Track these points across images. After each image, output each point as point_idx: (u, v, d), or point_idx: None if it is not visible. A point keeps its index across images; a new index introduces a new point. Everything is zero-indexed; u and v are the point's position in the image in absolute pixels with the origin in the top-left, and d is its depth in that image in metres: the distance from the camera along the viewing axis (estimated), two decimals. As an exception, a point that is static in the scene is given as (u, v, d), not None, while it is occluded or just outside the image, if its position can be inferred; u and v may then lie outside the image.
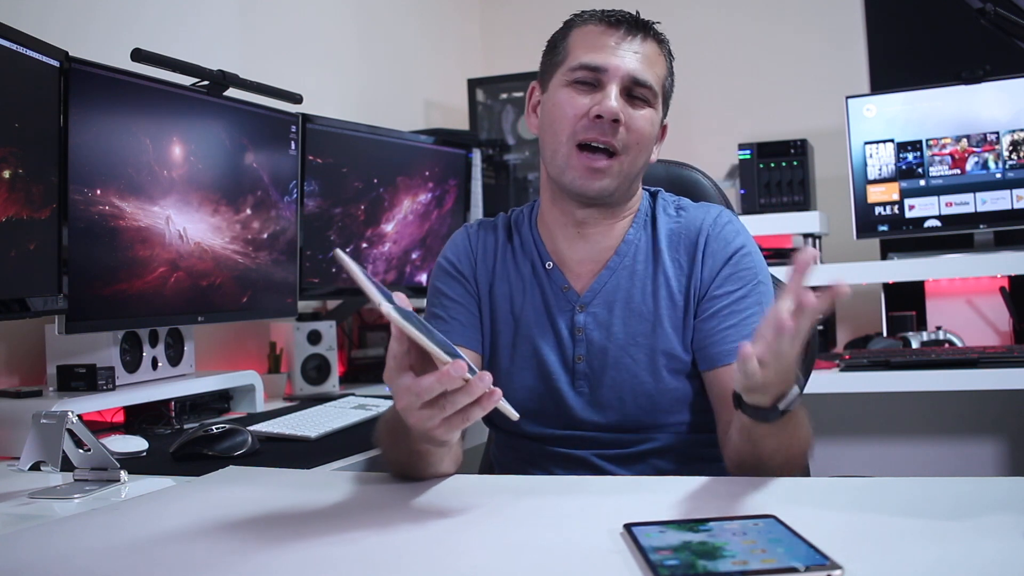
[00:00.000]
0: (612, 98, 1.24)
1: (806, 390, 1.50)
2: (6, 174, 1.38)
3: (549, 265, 1.35)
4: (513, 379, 1.33)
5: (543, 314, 1.33)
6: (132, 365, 1.73)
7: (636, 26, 1.28)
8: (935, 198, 2.63)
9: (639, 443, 1.29)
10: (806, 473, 1.26)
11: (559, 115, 1.28)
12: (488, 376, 0.90)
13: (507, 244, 1.40)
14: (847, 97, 2.71)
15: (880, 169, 2.67)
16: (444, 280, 1.39)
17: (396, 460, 1.15)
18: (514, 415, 0.94)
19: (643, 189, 1.39)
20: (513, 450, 1.37)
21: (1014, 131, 2.55)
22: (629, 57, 1.26)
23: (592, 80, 1.26)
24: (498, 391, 0.91)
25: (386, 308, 0.86)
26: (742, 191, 2.73)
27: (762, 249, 1.38)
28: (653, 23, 1.31)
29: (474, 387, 0.89)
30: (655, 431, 1.29)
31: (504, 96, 3.05)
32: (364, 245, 2.32)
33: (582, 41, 1.29)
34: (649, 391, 1.28)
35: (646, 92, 1.27)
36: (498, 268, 1.38)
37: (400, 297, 0.95)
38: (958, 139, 2.61)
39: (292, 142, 2.08)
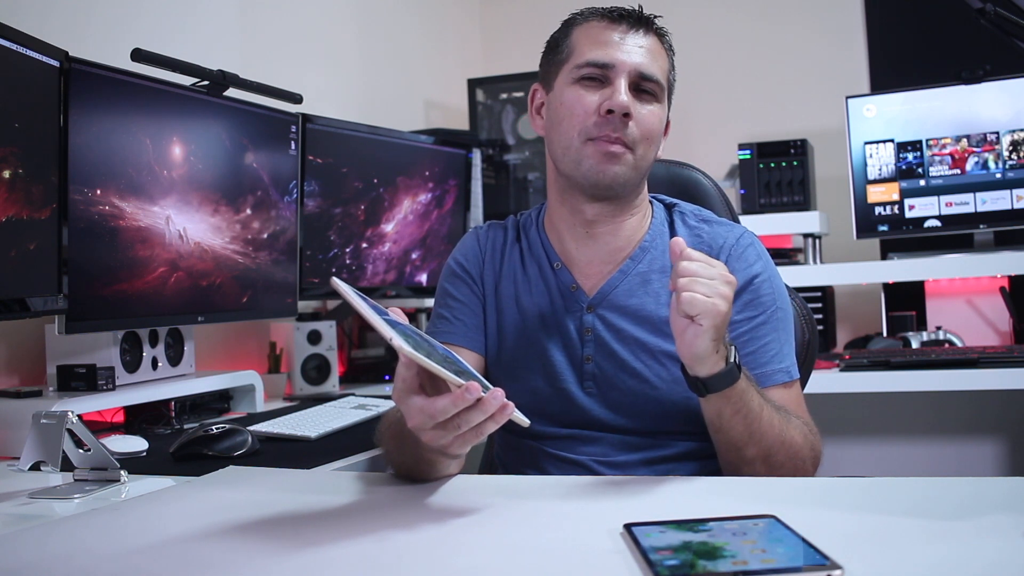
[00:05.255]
0: (622, 92, 1.24)
1: (806, 390, 1.50)
2: (6, 174, 1.38)
3: (557, 265, 1.35)
4: (519, 379, 1.32)
5: (550, 314, 1.33)
6: (132, 365, 1.73)
7: (639, 21, 1.29)
8: (935, 198, 2.63)
9: (649, 448, 1.28)
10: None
11: (567, 113, 1.27)
12: (500, 392, 0.91)
13: (515, 244, 1.40)
14: (847, 97, 2.71)
15: (880, 169, 2.67)
16: (451, 281, 1.40)
17: (401, 463, 1.15)
18: (525, 422, 0.94)
19: (658, 200, 1.40)
20: (516, 451, 1.37)
21: (1014, 131, 2.55)
22: (635, 51, 1.26)
23: (599, 76, 1.26)
24: (511, 405, 0.91)
25: (398, 342, 0.86)
26: (742, 191, 2.73)
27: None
28: (655, 17, 1.31)
29: (488, 404, 0.90)
30: (667, 437, 1.28)
31: (504, 96, 3.05)
32: (364, 245, 2.32)
33: (586, 38, 1.29)
34: (661, 396, 1.27)
35: (653, 86, 1.27)
36: (505, 268, 1.38)
37: (396, 312, 0.97)
38: (958, 139, 2.61)
39: (292, 142, 2.08)
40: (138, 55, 1.68)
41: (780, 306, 1.29)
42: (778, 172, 2.70)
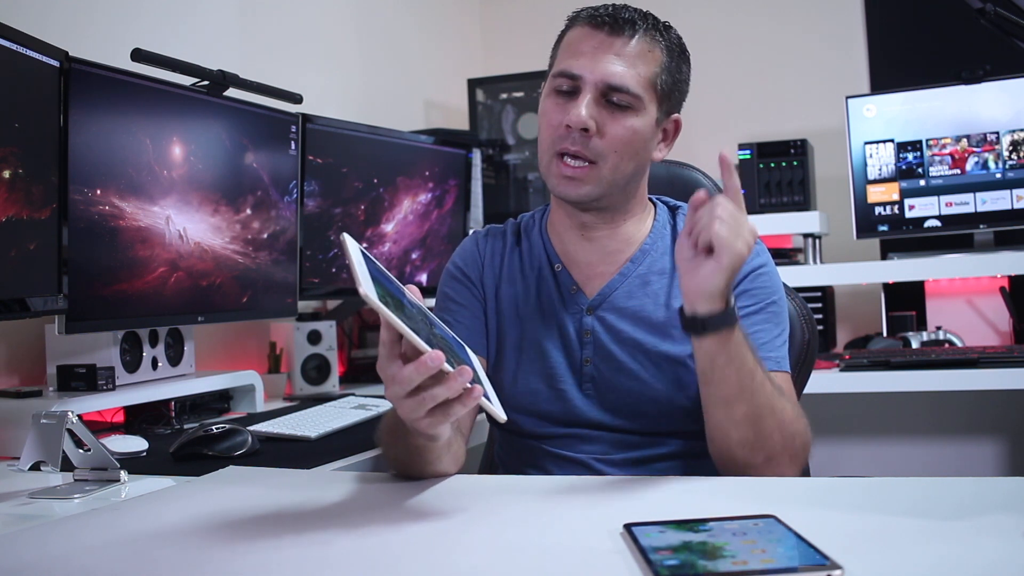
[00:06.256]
0: (581, 107, 1.22)
1: (806, 390, 1.50)
2: (6, 174, 1.38)
3: (558, 267, 1.35)
4: (519, 381, 1.32)
5: (550, 316, 1.33)
6: (132, 365, 1.73)
7: (621, 24, 1.25)
8: (935, 198, 2.63)
9: (647, 446, 1.29)
10: (805, 473, 1.26)
11: (543, 124, 1.29)
12: (468, 372, 0.90)
13: (515, 248, 1.40)
14: (847, 97, 2.71)
15: (880, 169, 2.67)
16: (450, 284, 1.40)
17: (396, 457, 1.15)
18: (501, 417, 0.93)
19: (662, 202, 1.39)
20: (516, 450, 1.37)
21: (1014, 131, 2.55)
22: (607, 62, 1.23)
23: (570, 88, 1.25)
24: (479, 388, 0.91)
25: (363, 289, 0.85)
26: (742, 191, 2.73)
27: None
28: (645, 17, 1.27)
29: (452, 381, 0.89)
30: (664, 436, 1.28)
31: (504, 96, 3.05)
32: (364, 245, 2.31)
33: (567, 45, 1.28)
34: (659, 397, 1.27)
35: (625, 97, 1.23)
36: (505, 271, 1.38)
37: (412, 289, 0.97)
38: (958, 139, 2.61)
39: (292, 142, 2.08)
40: (138, 55, 1.68)
41: (775, 300, 1.29)
42: (778, 172, 2.70)
